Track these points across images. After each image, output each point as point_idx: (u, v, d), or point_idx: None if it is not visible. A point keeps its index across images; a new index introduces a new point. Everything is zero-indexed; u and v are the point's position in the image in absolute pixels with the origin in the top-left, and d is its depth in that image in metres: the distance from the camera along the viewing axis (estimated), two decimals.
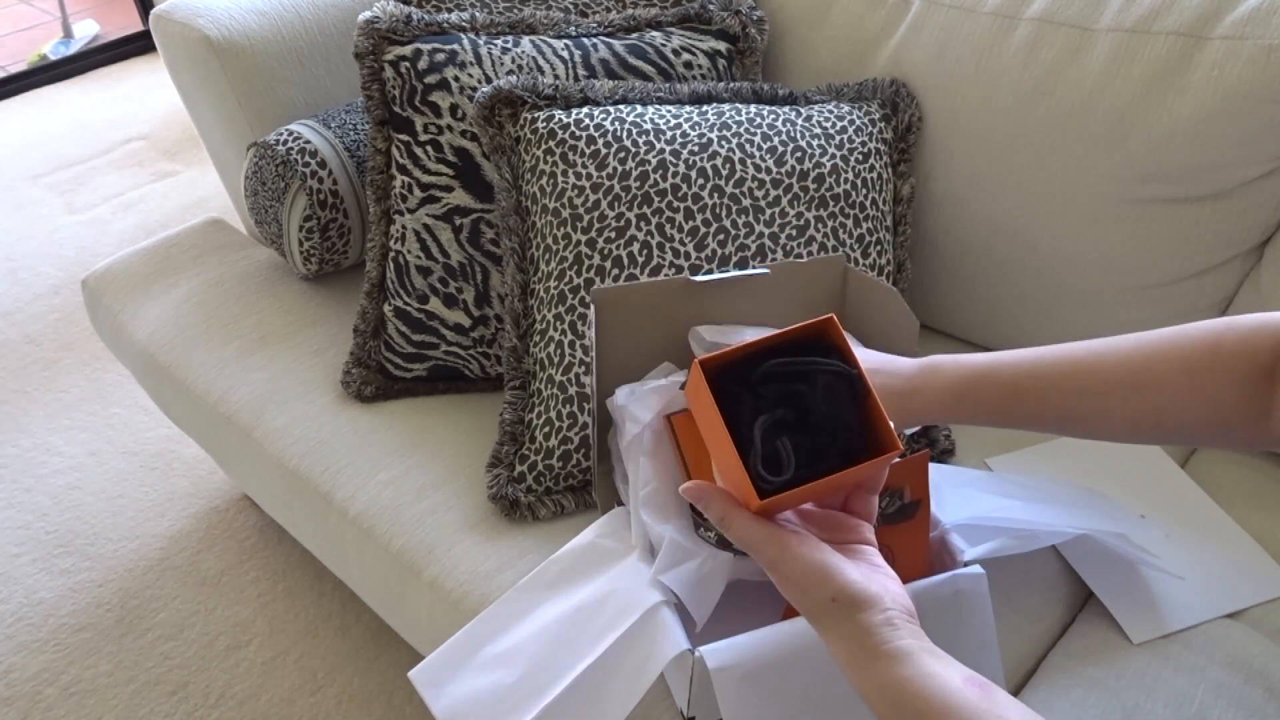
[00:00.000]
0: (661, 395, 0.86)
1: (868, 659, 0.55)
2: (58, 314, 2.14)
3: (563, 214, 1.03)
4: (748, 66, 1.23)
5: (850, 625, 0.55)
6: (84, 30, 3.33)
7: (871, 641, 0.55)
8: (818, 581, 0.56)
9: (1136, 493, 1.02)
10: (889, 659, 0.54)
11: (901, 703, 0.53)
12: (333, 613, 1.48)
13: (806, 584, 0.56)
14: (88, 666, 1.43)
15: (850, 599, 0.56)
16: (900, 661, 0.54)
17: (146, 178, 2.60)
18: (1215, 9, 0.99)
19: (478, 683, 0.81)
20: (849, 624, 0.55)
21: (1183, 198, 1.03)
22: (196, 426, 1.29)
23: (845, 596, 0.56)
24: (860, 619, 0.55)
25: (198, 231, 1.46)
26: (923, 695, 0.52)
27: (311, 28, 1.31)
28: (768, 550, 0.57)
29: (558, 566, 0.89)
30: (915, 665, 0.54)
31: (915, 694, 0.53)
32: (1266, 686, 0.83)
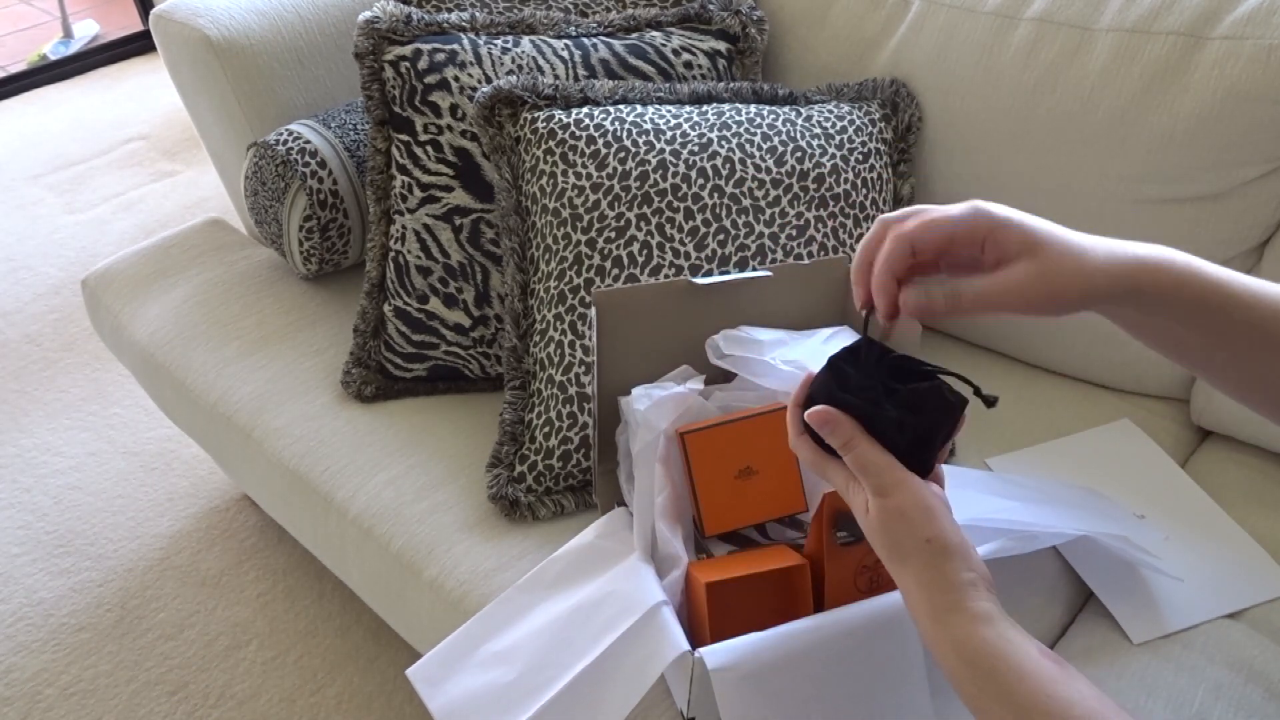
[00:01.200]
0: (678, 404, 0.85)
1: (948, 610, 0.56)
2: (58, 314, 2.14)
3: (563, 214, 1.03)
4: (748, 66, 1.23)
5: (936, 573, 0.57)
6: (84, 30, 3.33)
7: (956, 595, 0.56)
8: (922, 519, 0.57)
9: (1136, 493, 1.02)
10: (971, 616, 0.55)
11: (977, 660, 0.54)
12: (333, 613, 1.48)
13: (911, 516, 0.57)
14: (88, 666, 1.43)
15: (945, 545, 0.57)
16: (982, 621, 0.55)
17: (146, 178, 2.60)
18: (1215, 9, 0.99)
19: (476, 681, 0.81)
20: (935, 571, 0.57)
21: (1183, 198, 1.03)
22: (196, 426, 1.29)
23: (941, 541, 0.57)
24: (948, 569, 0.57)
25: (198, 231, 1.46)
26: (999, 656, 0.53)
27: (311, 28, 1.31)
28: (886, 476, 0.58)
29: (557, 566, 0.89)
30: (996, 628, 0.54)
31: (992, 654, 0.53)
32: (1266, 687, 0.83)
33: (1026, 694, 0.52)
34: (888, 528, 0.59)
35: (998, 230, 0.56)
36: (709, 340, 0.91)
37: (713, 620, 0.77)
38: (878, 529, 0.59)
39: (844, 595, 0.78)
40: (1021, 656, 0.54)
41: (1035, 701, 0.52)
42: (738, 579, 0.77)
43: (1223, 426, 1.09)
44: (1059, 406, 1.14)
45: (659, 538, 0.84)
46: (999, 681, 0.53)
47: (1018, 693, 0.52)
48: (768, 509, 0.86)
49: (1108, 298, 0.56)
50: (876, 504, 0.59)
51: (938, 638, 0.56)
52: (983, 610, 0.56)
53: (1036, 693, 0.52)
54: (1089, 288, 0.55)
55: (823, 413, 0.61)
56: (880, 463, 0.59)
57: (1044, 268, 0.55)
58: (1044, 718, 0.51)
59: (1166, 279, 0.56)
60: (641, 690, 0.74)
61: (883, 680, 0.75)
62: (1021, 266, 0.55)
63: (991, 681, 0.53)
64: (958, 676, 0.55)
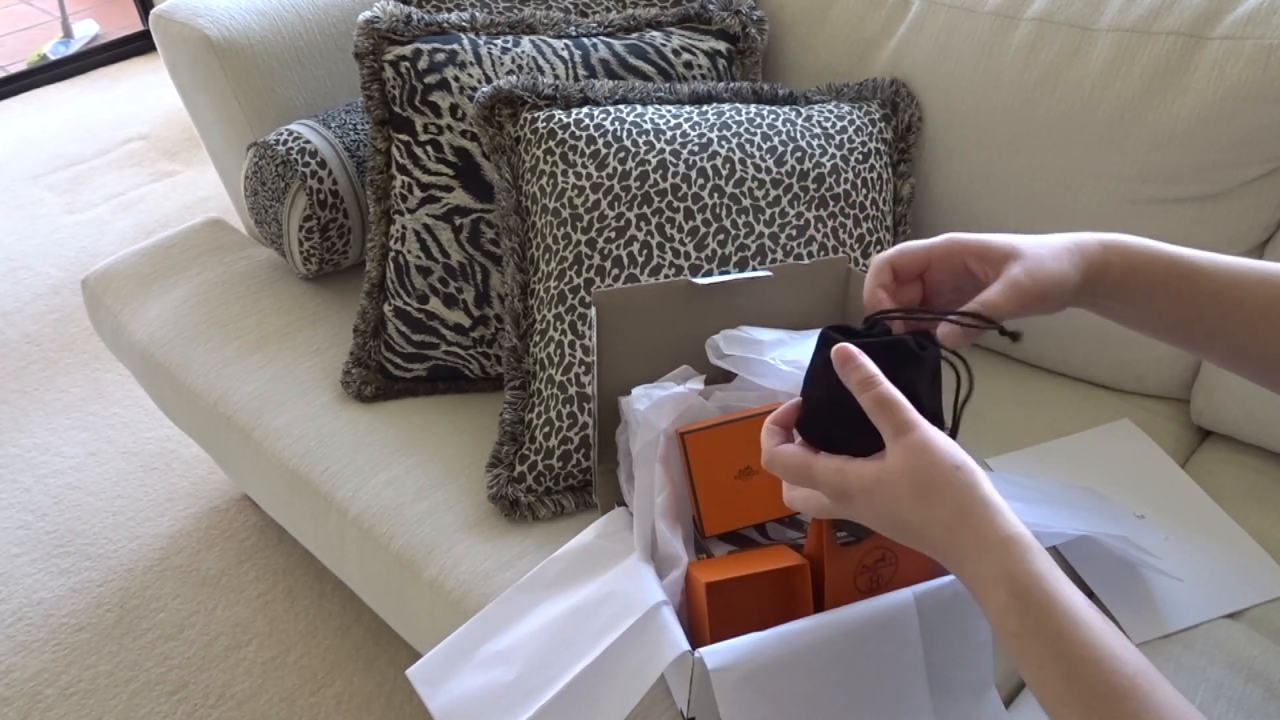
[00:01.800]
0: (678, 404, 0.85)
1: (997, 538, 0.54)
2: (58, 314, 2.14)
3: (563, 214, 1.03)
4: (748, 66, 1.23)
5: (973, 498, 0.55)
6: (84, 30, 3.33)
7: (1000, 520, 0.54)
8: (948, 447, 0.56)
9: (1136, 493, 1.02)
10: (1022, 545, 0.53)
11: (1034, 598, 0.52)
12: (333, 613, 1.48)
13: (939, 445, 0.56)
14: (88, 666, 1.43)
15: (972, 468, 0.56)
16: (1035, 551, 0.53)
17: (146, 178, 2.60)
18: (1215, 9, 0.99)
19: (475, 681, 0.81)
20: (971, 496, 0.55)
21: (1183, 198, 1.03)
22: (196, 426, 1.29)
23: (969, 467, 0.56)
24: (982, 492, 0.55)
25: (198, 231, 1.46)
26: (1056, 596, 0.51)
27: (311, 28, 1.31)
28: (907, 412, 0.57)
29: (557, 566, 0.89)
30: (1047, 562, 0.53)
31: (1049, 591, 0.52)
32: (1266, 687, 0.83)
33: (1079, 641, 0.50)
34: (914, 463, 0.56)
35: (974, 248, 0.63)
36: (709, 340, 0.91)
37: (713, 620, 0.77)
38: (903, 469, 0.56)
39: (844, 595, 0.78)
40: (1075, 599, 0.52)
41: (1086, 651, 0.50)
42: (738, 579, 0.77)
43: (1223, 426, 1.09)
44: (1059, 406, 1.14)
45: (659, 538, 0.84)
46: (1053, 623, 0.51)
47: (1070, 637, 0.50)
48: (768, 509, 0.86)
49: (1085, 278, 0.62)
50: (900, 443, 0.57)
51: (987, 571, 0.53)
52: (1031, 540, 0.54)
53: (1089, 642, 0.50)
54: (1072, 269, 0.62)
55: (844, 349, 0.60)
56: (901, 400, 0.58)
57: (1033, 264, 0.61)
58: (1094, 667, 0.49)
59: (1132, 253, 0.63)
60: (641, 690, 0.74)
61: (883, 680, 0.75)
62: (1016, 270, 0.61)
63: (1044, 621, 0.51)
64: (1006, 614, 0.52)
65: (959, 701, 0.78)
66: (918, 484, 0.56)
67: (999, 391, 1.17)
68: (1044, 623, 0.51)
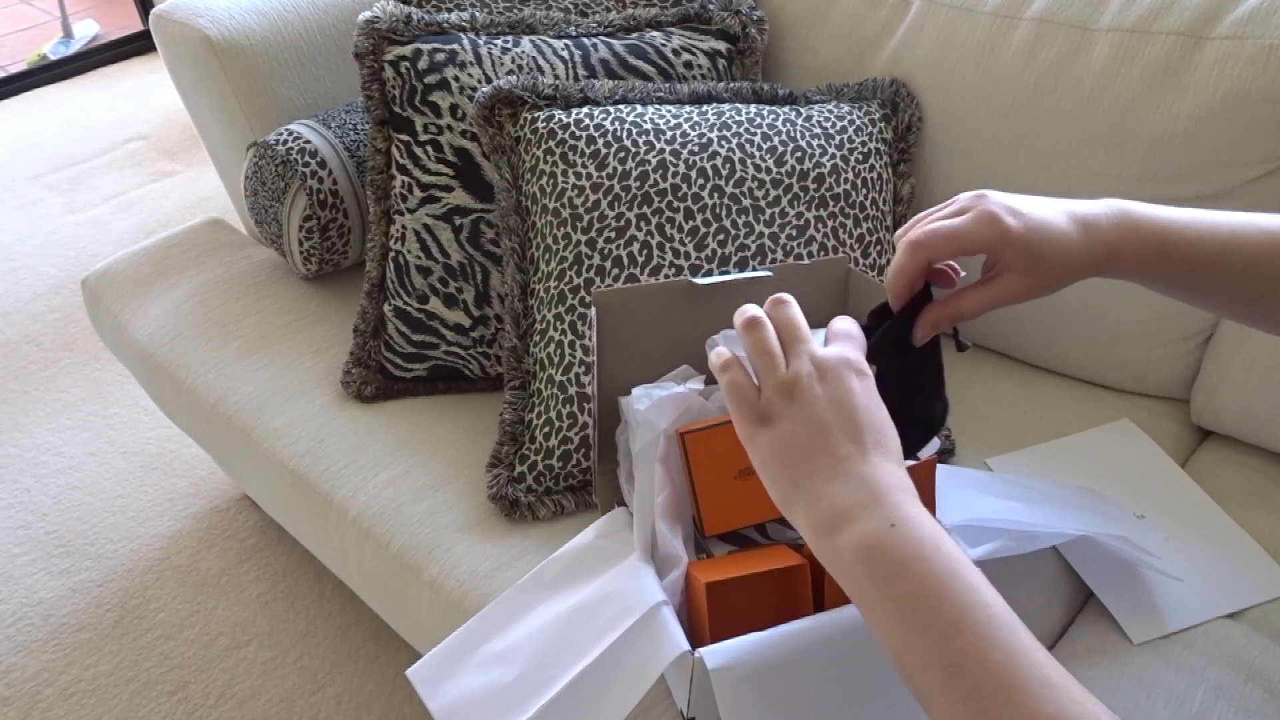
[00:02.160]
0: (678, 405, 0.85)
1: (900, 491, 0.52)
2: (58, 314, 2.14)
3: (563, 214, 1.03)
4: (748, 66, 1.23)
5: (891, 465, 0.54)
6: (84, 30, 3.33)
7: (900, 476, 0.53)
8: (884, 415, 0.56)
9: (1136, 493, 1.02)
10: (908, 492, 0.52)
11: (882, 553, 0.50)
12: (333, 613, 1.48)
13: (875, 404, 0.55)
14: (88, 666, 1.43)
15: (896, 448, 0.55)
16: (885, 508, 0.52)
17: (146, 178, 2.60)
18: (1215, 9, 0.99)
19: (475, 681, 0.81)
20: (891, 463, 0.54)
21: (1183, 198, 1.03)
22: (196, 426, 1.29)
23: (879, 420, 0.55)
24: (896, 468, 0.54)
25: (198, 231, 1.46)
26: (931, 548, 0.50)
27: (311, 28, 1.31)
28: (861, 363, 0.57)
29: (557, 566, 0.89)
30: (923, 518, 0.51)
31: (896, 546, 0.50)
32: (1266, 687, 0.83)
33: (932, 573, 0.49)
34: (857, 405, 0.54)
35: (1005, 249, 0.62)
36: (709, 340, 0.91)
37: (713, 620, 0.77)
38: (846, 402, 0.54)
39: (844, 595, 0.78)
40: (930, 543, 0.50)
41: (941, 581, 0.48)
42: (738, 579, 0.77)
43: (1223, 426, 1.09)
44: (1059, 406, 1.14)
45: (659, 538, 0.84)
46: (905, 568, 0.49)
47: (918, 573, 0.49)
48: (768, 509, 0.86)
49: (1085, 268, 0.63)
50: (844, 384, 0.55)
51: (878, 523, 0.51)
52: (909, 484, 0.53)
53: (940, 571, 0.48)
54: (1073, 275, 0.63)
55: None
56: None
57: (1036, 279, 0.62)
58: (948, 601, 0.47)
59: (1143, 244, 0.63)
60: (641, 690, 0.74)
61: (883, 680, 0.75)
62: (1018, 279, 0.62)
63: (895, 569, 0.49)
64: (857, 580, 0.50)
65: None
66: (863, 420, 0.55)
67: (999, 391, 1.17)
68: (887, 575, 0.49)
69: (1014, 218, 0.61)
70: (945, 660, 0.47)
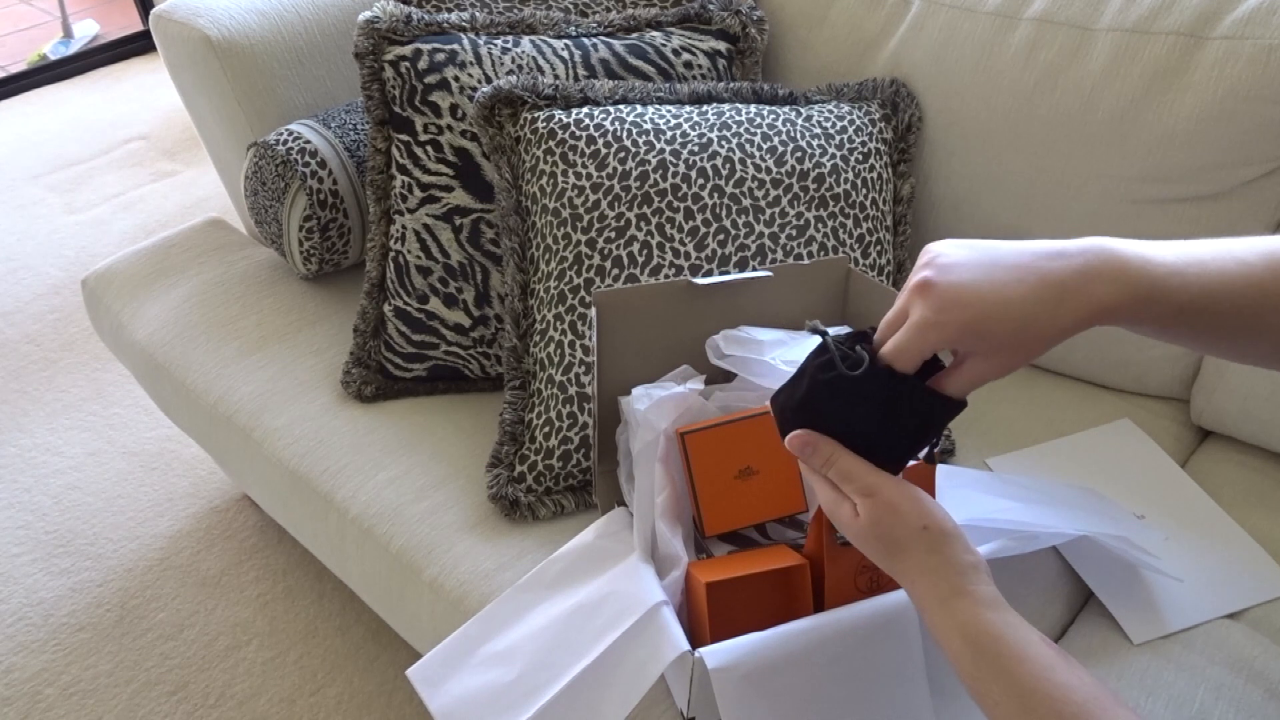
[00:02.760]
0: (678, 404, 0.85)
1: (952, 594, 0.58)
2: (58, 314, 2.14)
3: (563, 214, 1.03)
4: (748, 66, 1.23)
5: (937, 558, 0.59)
6: (84, 30, 3.33)
7: (960, 579, 0.58)
8: (914, 509, 0.60)
9: (1136, 493, 1.02)
10: (976, 599, 0.57)
11: (981, 642, 0.56)
12: (333, 613, 1.48)
13: (903, 508, 0.60)
14: (88, 666, 1.43)
15: (941, 529, 0.59)
16: (987, 605, 0.57)
17: (146, 178, 2.60)
18: (1215, 9, 0.99)
19: (475, 681, 0.81)
20: (936, 557, 0.59)
21: (1183, 198, 1.03)
22: (196, 426, 1.29)
23: (936, 526, 0.59)
24: (948, 552, 0.59)
25: (198, 231, 1.46)
26: (1004, 640, 0.55)
27: (311, 28, 1.31)
28: (870, 478, 0.61)
29: (557, 566, 0.89)
30: (1001, 613, 0.57)
31: (997, 637, 0.55)
32: (1266, 687, 0.83)
33: (1027, 676, 0.54)
34: (881, 523, 0.60)
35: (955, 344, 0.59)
36: (709, 340, 0.91)
37: (713, 620, 0.77)
38: (870, 529, 0.61)
39: (844, 595, 0.78)
40: (1025, 641, 0.55)
41: (1036, 685, 0.53)
42: (738, 579, 0.77)
43: (1223, 426, 1.09)
44: (1059, 406, 1.14)
45: (659, 538, 0.84)
46: (1002, 664, 0.55)
47: (1019, 675, 0.54)
48: (768, 509, 0.86)
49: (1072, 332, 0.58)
50: (867, 505, 0.61)
51: (943, 622, 0.58)
52: (987, 595, 0.58)
53: (1038, 676, 0.53)
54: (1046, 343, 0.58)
55: (801, 436, 0.63)
56: (861, 468, 0.62)
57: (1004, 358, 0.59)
58: (1044, 700, 0.53)
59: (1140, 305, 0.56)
60: (641, 690, 0.74)
61: (883, 680, 0.75)
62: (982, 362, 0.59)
63: (995, 664, 0.55)
64: (961, 660, 0.57)
65: (959, 701, 0.78)
66: (888, 543, 0.61)
67: (999, 391, 1.17)
68: (994, 664, 0.55)
69: (956, 310, 0.57)
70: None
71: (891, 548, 0.61)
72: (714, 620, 0.77)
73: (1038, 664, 0.54)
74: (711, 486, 0.85)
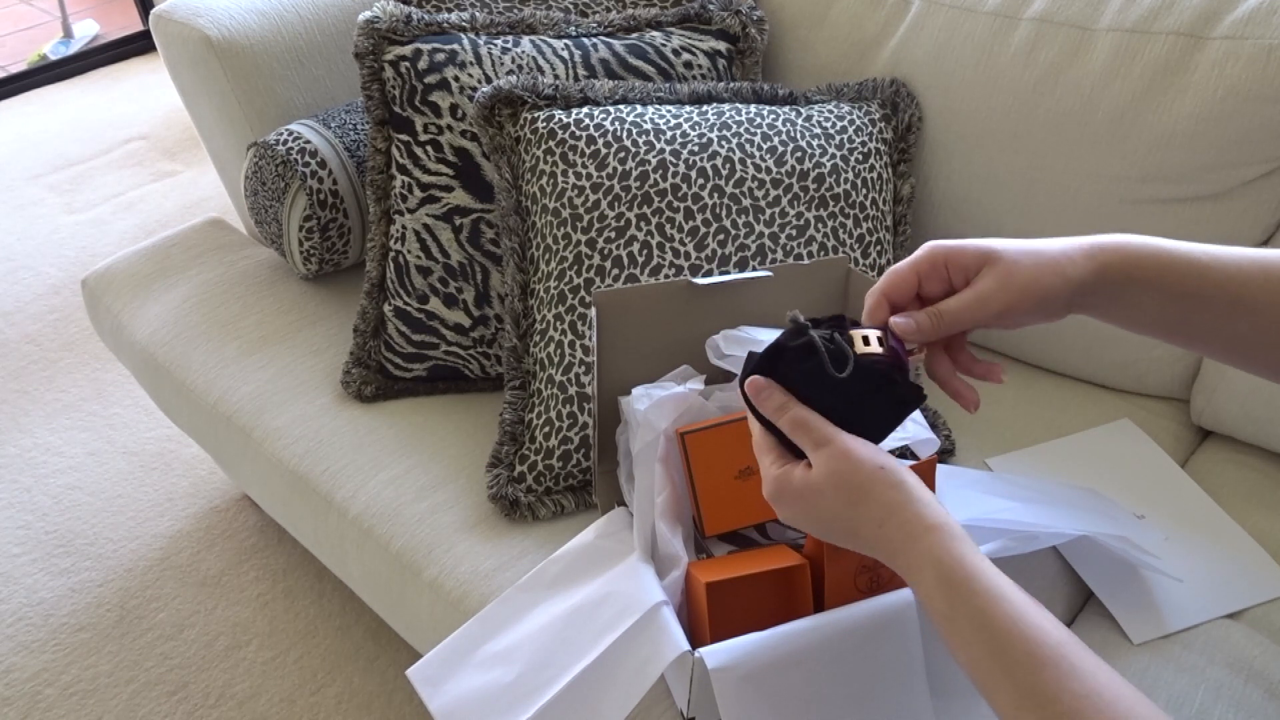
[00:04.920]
0: (678, 405, 0.85)
1: (924, 530, 0.57)
2: (58, 314, 2.14)
3: (563, 214, 1.03)
4: (748, 66, 1.23)
5: (900, 494, 0.58)
6: (84, 30, 3.33)
7: (925, 511, 0.57)
8: (867, 451, 0.60)
9: (1136, 493, 1.02)
10: (947, 533, 0.56)
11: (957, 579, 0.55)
12: (333, 613, 1.48)
13: (858, 451, 0.59)
14: (88, 666, 1.43)
15: (895, 467, 0.59)
16: (958, 538, 0.56)
17: (146, 178, 2.60)
18: (1215, 9, 0.99)
19: (475, 681, 0.81)
20: (898, 492, 0.58)
21: (1183, 198, 1.03)
22: (196, 426, 1.29)
23: (891, 464, 0.59)
24: (909, 488, 0.58)
25: (198, 231, 1.46)
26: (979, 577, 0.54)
27: (311, 28, 1.31)
28: (824, 429, 0.61)
29: (557, 566, 0.89)
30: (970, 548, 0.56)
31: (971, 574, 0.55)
32: (1266, 687, 0.83)
33: (1003, 616, 0.53)
34: (838, 471, 0.59)
35: (953, 254, 0.62)
36: (709, 340, 0.91)
37: (713, 620, 0.77)
38: (826, 478, 0.60)
39: (844, 595, 0.78)
40: (999, 581, 0.54)
41: (1011, 626, 0.52)
42: (738, 579, 0.77)
43: (1223, 426, 1.09)
44: (1059, 406, 1.14)
45: (659, 538, 0.84)
46: (976, 603, 0.54)
47: (994, 614, 0.53)
48: (768, 509, 0.86)
49: (1078, 284, 0.61)
50: (822, 454, 0.60)
51: (916, 560, 0.56)
52: (957, 529, 0.57)
53: (1013, 617, 0.52)
54: (1056, 276, 0.61)
55: (759, 381, 0.63)
56: (816, 419, 0.61)
57: (1006, 269, 0.61)
58: (1019, 640, 0.51)
59: (1129, 251, 0.61)
60: (641, 690, 0.74)
61: (883, 680, 0.75)
62: (987, 276, 0.61)
63: (969, 602, 0.54)
64: (933, 597, 0.56)
65: (959, 701, 0.78)
66: (845, 487, 0.59)
67: (999, 391, 1.17)
68: (968, 601, 0.54)
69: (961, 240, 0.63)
70: None
71: (853, 493, 0.59)
72: (714, 620, 0.77)
73: (1012, 603, 0.53)
74: (711, 486, 0.85)
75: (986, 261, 0.61)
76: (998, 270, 0.61)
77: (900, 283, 0.63)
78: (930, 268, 0.63)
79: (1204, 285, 0.60)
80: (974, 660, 0.53)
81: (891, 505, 0.58)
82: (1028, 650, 0.51)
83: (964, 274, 0.62)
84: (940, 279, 0.63)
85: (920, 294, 0.64)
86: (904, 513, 0.57)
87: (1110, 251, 0.61)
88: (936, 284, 0.64)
